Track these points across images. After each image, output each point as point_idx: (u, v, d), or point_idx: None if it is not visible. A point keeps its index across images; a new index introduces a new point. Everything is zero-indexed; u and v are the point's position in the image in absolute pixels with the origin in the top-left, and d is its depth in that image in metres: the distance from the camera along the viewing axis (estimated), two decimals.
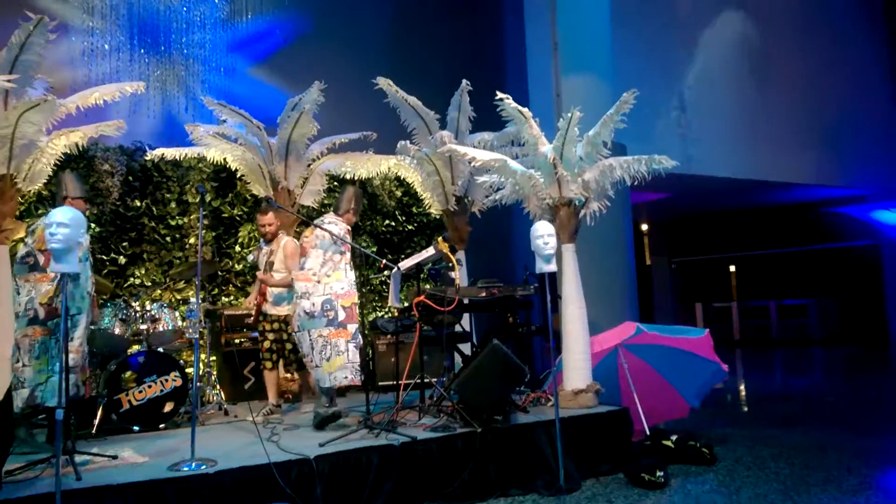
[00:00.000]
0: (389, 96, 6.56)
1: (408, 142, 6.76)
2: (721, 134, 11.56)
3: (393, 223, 8.51)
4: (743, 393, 9.36)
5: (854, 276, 15.86)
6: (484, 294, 5.47)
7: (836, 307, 16.23)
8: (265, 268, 5.75)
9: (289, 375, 6.11)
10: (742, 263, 18.11)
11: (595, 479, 4.80)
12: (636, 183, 5.53)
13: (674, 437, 5.28)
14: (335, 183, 7.88)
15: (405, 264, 5.50)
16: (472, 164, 5.77)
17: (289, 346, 5.63)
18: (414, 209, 8.62)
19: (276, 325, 5.66)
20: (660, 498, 4.45)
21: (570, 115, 5.18)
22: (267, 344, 5.67)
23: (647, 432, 5.34)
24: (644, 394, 5.49)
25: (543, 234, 4.64)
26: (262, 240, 5.93)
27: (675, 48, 11.54)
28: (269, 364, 5.70)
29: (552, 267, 4.70)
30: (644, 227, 17.77)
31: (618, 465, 4.92)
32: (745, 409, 8.34)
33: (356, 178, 7.42)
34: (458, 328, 5.98)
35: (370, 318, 7.77)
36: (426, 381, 5.48)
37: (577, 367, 5.34)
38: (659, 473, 4.62)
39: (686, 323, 15.58)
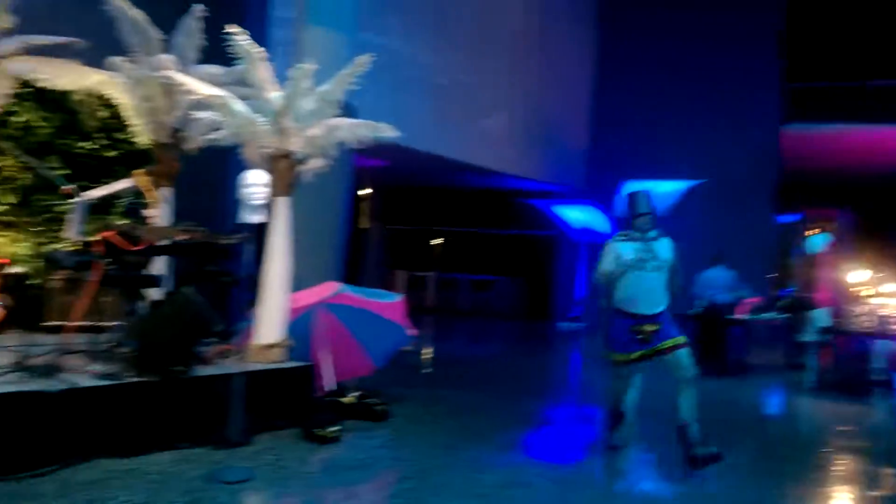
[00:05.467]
0: (110, 3, 5.78)
1: (123, 59, 6.03)
2: (437, 113, 12.08)
3: (93, 146, 7.56)
4: (428, 356, 10.15)
5: (536, 260, 18.08)
6: (180, 237, 5.14)
7: (518, 286, 18.39)
8: None
9: None
10: (445, 238, 19.59)
11: (272, 434, 4.80)
12: (360, 147, 5.61)
13: (353, 395, 5.53)
14: (27, 89, 6.77)
15: (93, 193, 4.95)
16: (191, 97, 5.36)
17: None
18: (119, 135, 7.75)
19: None
20: (328, 452, 4.67)
21: (304, 65, 5.06)
22: None
23: (328, 390, 5.48)
24: (335, 352, 5.65)
25: (254, 182, 4.50)
26: None
27: (421, 21, 11.76)
28: None
29: (258, 217, 4.59)
30: (366, 191, 18.20)
31: (296, 421, 4.96)
32: (427, 371, 9.07)
33: (55, 88, 6.46)
34: (150, 271, 5.55)
35: (46, 250, 6.85)
36: (104, 325, 5.02)
37: (270, 322, 5.29)
38: (332, 429, 4.80)
39: (389, 287, 16.38)
